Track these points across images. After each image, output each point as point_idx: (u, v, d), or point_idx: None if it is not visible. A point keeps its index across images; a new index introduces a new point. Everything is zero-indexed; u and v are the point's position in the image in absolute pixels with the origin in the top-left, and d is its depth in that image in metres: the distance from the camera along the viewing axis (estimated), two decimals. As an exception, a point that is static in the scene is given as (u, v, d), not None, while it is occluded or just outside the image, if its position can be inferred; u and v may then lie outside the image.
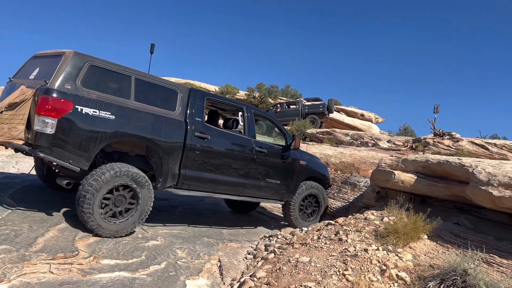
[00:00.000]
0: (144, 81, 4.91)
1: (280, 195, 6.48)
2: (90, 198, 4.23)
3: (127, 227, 4.61)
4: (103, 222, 4.38)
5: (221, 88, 30.86)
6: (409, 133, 35.76)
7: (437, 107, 16.37)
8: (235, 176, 5.74)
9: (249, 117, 6.09)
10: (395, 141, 16.13)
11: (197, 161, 5.23)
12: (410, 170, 6.01)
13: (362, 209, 6.75)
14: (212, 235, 5.62)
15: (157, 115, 4.87)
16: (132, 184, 4.56)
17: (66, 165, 4.21)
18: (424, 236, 4.82)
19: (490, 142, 13.58)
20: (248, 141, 5.94)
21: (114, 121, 4.44)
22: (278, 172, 6.32)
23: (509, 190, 4.43)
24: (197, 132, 5.20)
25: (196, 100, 5.34)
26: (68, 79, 4.22)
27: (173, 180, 5.09)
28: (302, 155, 6.84)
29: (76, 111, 4.18)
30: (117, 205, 4.52)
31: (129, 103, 4.65)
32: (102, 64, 4.58)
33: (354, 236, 4.86)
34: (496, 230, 5.15)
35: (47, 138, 4.05)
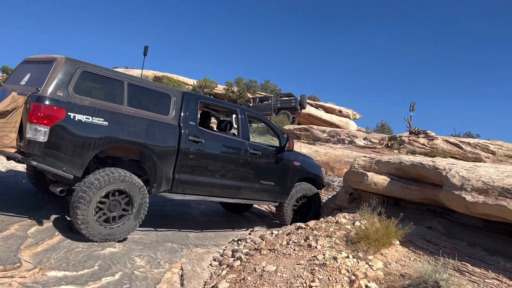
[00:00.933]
0: (137, 85, 4.84)
1: (274, 197, 6.48)
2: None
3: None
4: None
5: (199, 82, 30.37)
6: (386, 129, 36.11)
7: (413, 105, 16.44)
8: (229, 179, 5.71)
9: (243, 119, 6.03)
10: (371, 139, 16.13)
11: (191, 165, 5.17)
12: (383, 171, 5.84)
13: (334, 211, 6.58)
14: (176, 239, 5.32)
15: (150, 120, 4.81)
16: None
17: (59, 172, 4.16)
18: (396, 242, 4.65)
19: (464, 141, 13.70)
20: (242, 143, 5.89)
21: (108, 127, 4.39)
22: (272, 173, 6.29)
23: (483, 195, 4.30)
24: (191, 136, 5.14)
25: (190, 103, 5.27)
26: (60, 86, 4.16)
27: (168, 185, 5.04)
28: (296, 156, 6.80)
29: (68, 118, 4.12)
30: (112, 210, 4.52)
31: (122, 109, 4.59)
32: (94, 70, 4.52)
33: (324, 242, 4.64)
34: (469, 234, 5.03)
35: (40, 146, 3.99)
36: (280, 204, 6.68)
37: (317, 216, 6.97)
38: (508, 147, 13.16)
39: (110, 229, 4.50)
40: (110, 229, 4.50)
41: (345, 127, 26.97)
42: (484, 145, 13.12)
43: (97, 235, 4.38)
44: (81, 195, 4.22)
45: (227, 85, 30.53)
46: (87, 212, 4.24)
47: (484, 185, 4.35)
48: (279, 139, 6.58)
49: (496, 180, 4.39)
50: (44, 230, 4.43)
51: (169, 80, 29.90)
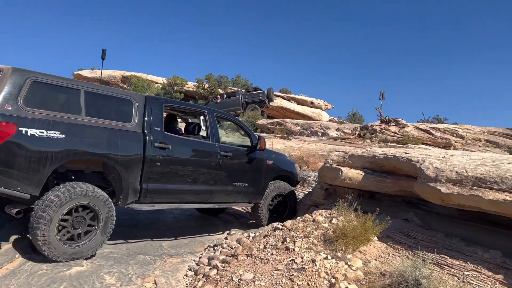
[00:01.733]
0: (94, 93, 4.55)
1: (249, 198, 6.32)
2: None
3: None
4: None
5: (168, 80, 29.77)
6: (357, 118, 36.60)
7: (383, 94, 16.61)
8: (201, 184, 5.50)
9: (211, 120, 5.81)
10: (344, 129, 16.21)
11: (159, 173, 4.93)
12: (357, 166, 5.77)
13: (311, 208, 6.48)
14: (149, 250, 5.09)
15: (112, 129, 4.53)
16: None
17: (13, 193, 3.86)
18: (374, 238, 4.58)
19: (434, 126, 13.94)
20: (212, 146, 5.67)
21: (65, 140, 4.10)
22: (245, 174, 6.12)
23: (457, 186, 4.27)
24: (156, 143, 4.88)
25: (154, 108, 5.00)
26: (8, 100, 3.82)
27: (135, 195, 4.78)
28: (268, 154, 6.63)
29: (20, 133, 3.79)
30: (76, 227, 4.24)
31: (80, 119, 4.30)
32: (46, 79, 4.19)
33: (301, 243, 4.52)
34: (445, 224, 5.02)
35: None
36: (255, 204, 6.53)
37: (294, 214, 6.88)
38: (475, 131, 13.48)
39: (76, 247, 4.23)
40: (75, 247, 4.22)
41: (318, 118, 27.12)
42: (453, 130, 13.39)
43: (61, 255, 4.10)
44: (41, 214, 3.94)
45: (197, 81, 30.07)
46: (49, 232, 3.96)
47: (458, 176, 4.32)
48: (251, 138, 6.41)
49: (469, 169, 4.37)
50: (2, 254, 4.13)
51: (138, 80, 29.15)
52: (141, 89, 27.15)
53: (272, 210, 6.75)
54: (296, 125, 18.04)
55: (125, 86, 29.55)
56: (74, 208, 4.19)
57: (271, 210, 6.72)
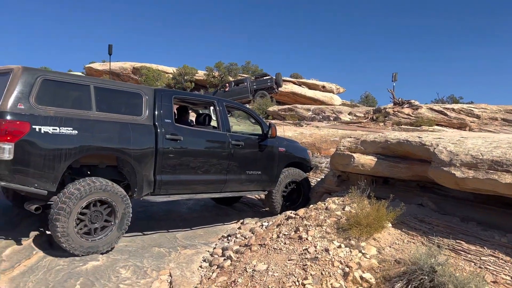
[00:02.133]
0: (104, 88, 4.61)
1: (262, 186, 6.32)
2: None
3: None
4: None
5: (179, 70, 29.73)
6: (370, 100, 36.20)
7: (395, 75, 16.31)
8: (214, 173, 5.54)
9: (221, 110, 5.81)
10: (356, 113, 16.02)
11: (172, 164, 4.99)
12: (369, 152, 5.69)
13: (324, 195, 6.44)
14: (164, 243, 5.13)
15: (123, 122, 4.59)
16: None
17: (31, 190, 3.96)
18: (388, 225, 4.53)
19: (448, 107, 13.66)
20: (223, 135, 5.69)
21: (77, 136, 4.16)
22: (257, 162, 6.12)
23: (472, 170, 4.17)
24: (168, 135, 4.92)
25: (163, 100, 5.04)
26: (20, 98, 3.89)
27: (150, 188, 4.85)
28: (280, 141, 6.62)
29: (33, 131, 3.88)
30: (94, 221, 4.32)
31: (91, 115, 4.36)
32: (56, 77, 4.29)
33: (315, 232, 4.50)
34: (461, 208, 4.94)
35: (6, 164, 3.75)
36: (269, 192, 6.53)
37: (307, 201, 6.87)
38: (491, 109, 13.17)
39: (92, 242, 4.30)
40: (92, 241, 4.30)
41: (330, 102, 26.84)
42: (468, 109, 13.10)
43: (78, 248, 4.17)
44: (61, 206, 4.02)
45: (207, 70, 29.98)
46: (68, 224, 4.05)
47: (473, 159, 4.22)
48: (261, 126, 6.39)
49: (485, 152, 4.26)
50: (21, 250, 4.21)
51: (148, 70, 29.16)
52: (152, 80, 27.23)
53: (286, 197, 6.75)
54: (307, 111, 17.89)
55: (136, 77, 29.66)
56: (93, 202, 4.27)
57: (285, 197, 6.72)
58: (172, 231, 5.63)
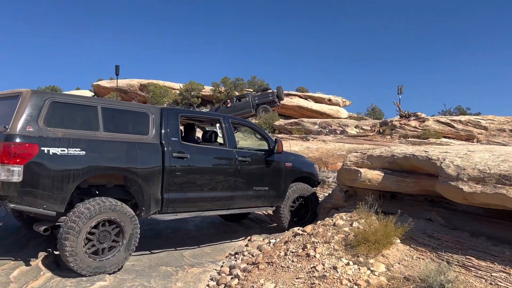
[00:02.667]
0: (111, 109, 4.69)
1: (270, 202, 6.31)
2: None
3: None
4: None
5: (185, 86, 30.01)
6: (377, 113, 36.08)
7: (401, 88, 16.31)
8: (221, 190, 5.54)
9: (227, 127, 5.85)
10: (363, 126, 15.99)
11: (179, 182, 5.01)
12: (376, 166, 5.67)
13: (331, 211, 6.40)
14: (171, 261, 5.12)
15: (130, 142, 4.64)
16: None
17: (40, 211, 4.01)
18: (396, 241, 4.49)
19: (455, 119, 13.59)
20: (230, 152, 5.71)
21: (85, 157, 4.21)
22: (264, 178, 6.12)
23: (480, 184, 4.14)
24: (175, 153, 4.96)
25: (170, 119, 5.09)
26: (29, 121, 3.96)
27: (157, 206, 4.87)
28: (287, 156, 6.62)
29: (42, 153, 3.93)
30: (102, 241, 4.31)
31: (99, 135, 4.43)
32: (64, 99, 4.40)
33: (322, 249, 4.47)
34: (470, 223, 4.89)
35: (15, 186, 3.79)
36: (276, 208, 6.51)
37: (315, 216, 6.83)
38: (499, 121, 13.07)
39: (100, 262, 4.29)
40: (99, 261, 4.28)
41: (336, 115, 26.84)
42: (476, 121, 13.02)
43: (85, 268, 4.16)
44: (70, 225, 4.03)
45: (213, 85, 30.21)
46: (76, 243, 4.05)
47: (481, 173, 4.19)
48: (268, 142, 6.40)
49: (492, 166, 4.23)
50: (28, 271, 4.23)
51: (155, 87, 29.49)
52: (159, 96, 27.51)
53: (294, 213, 6.72)
54: (314, 124, 17.91)
55: (143, 94, 29.99)
56: (102, 222, 4.28)
57: (293, 212, 6.69)
58: (179, 249, 5.62)
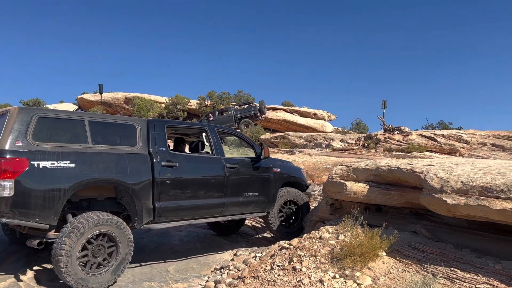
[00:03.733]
0: (98, 122, 4.77)
1: (261, 207, 6.37)
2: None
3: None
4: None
5: (171, 99, 29.97)
6: (361, 127, 36.53)
7: (385, 103, 16.57)
8: (212, 197, 5.59)
9: (213, 135, 5.97)
10: (348, 140, 16.14)
11: (170, 191, 5.06)
12: (361, 179, 5.70)
13: (317, 224, 6.40)
14: (155, 276, 5.02)
15: (119, 153, 4.72)
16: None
17: (33, 225, 4.03)
18: (382, 253, 4.50)
19: (438, 133, 13.84)
20: (218, 160, 5.80)
21: (76, 169, 4.26)
22: (254, 184, 6.19)
23: (463, 196, 4.19)
24: (163, 162, 5.04)
25: (156, 129, 5.19)
26: (18, 136, 4.04)
27: (150, 216, 4.91)
28: (274, 162, 6.75)
29: (32, 167, 3.98)
30: (96, 255, 4.33)
31: (87, 147, 4.50)
32: (51, 114, 4.49)
33: (309, 262, 4.44)
34: (454, 235, 4.93)
35: (7, 201, 3.83)
36: (267, 213, 6.56)
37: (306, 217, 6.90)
38: (480, 135, 13.36)
39: (95, 276, 4.29)
40: (95, 276, 4.29)
41: (322, 129, 27.08)
42: (458, 135, 13.28)
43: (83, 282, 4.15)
44: (63, 243, 4.03)
45: (200, 99, 30.23)
46: (71, 261, 4.04)
47: (464, 186, 4.25)
48: (254, 149, 6.51)
49: (475, 178, 4.29)
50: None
51: (140, 100, 29.34)
52: (144, 110, 27.35)
53: (284, 217, 6.80)
54: (300, 138, 18.00)
55: (128, 107, 29.78)
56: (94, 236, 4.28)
57: (283, 217, 6.78)
58: (163, 264, 5.52)
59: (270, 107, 27.08)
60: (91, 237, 4.23)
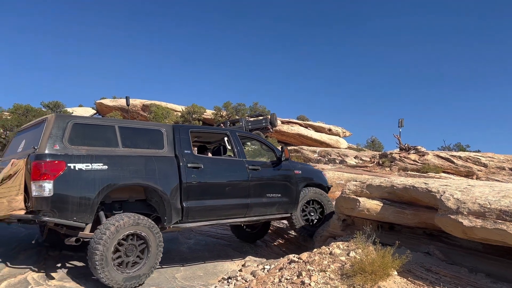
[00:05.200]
0: (127, 127, 5.07)
1: (284, 208, 6.46)
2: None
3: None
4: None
5: (187, 108, 30.23)
6: (376, 145, 36.17)
7: (402, 121, 16.41)
8: (236, 197, 5.75)
9: (235, 140, 6.17)
10: (362, 157, 15.98)
11: (196, 191, 5.26)
12: (375, 196, 5.62)
13: (328, 239, 6.30)
14: (162, 282, 5.00)
15: (148, 156, 4.97)
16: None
17: (71, 223, 4.27)
18: (393, 273, 4.40)
19: (455, 155, 13.60)
20: (240, 162, 5.97)
21: (108, 170, 4.51)
22: (276, 185, 6.33)
23: (480, 219, 4.08)
24: (189, 163, 5.26)
25: (181, 134, 5.46)
26: (55, 141, 4.31)
27: (178, 215, 5.09)
28: (294, 165, 6.91)
29: (69, 169, 4.24)
30: (128, 254, 4.52)
31: (118, 151, 4.76)
32: (84, 121, 4.83)
33: (318, 277, 4.37)
34: (469, 258, 4.80)
35: (47, 201, 4.08)
36: (291, 214, 6.62)
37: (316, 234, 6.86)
38: (499, 159, 13.08)
39: (127, 274, 4.46)
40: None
41: (336, 145, 26.94)
42: (475, 158, 13.03)
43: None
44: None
45: (215, 109, 30.41)
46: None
47: (481, 208, 4.15)
48: (274, 152, 6.65)
49: (493, 201, 4.19)
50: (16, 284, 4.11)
51: (157, 108, 29.68)
52: (160, 117, 27.64)
53: (307, 216, 6.87)
54: (313, 153, 17.91)
55: (145, 114, 30.15)
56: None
57: (307, 216, 6.85)
58: (171, 270, 5.50)
59: (285, 121, 27.10)
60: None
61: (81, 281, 4.63)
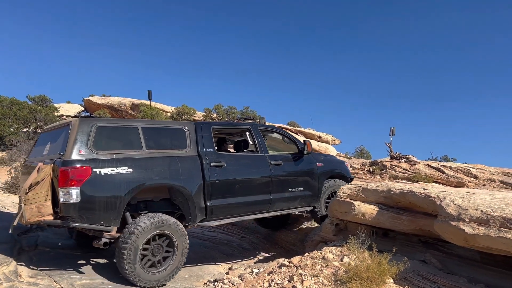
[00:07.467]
0: (150, 128, 5.03)
1: (307, 201, 6.45)
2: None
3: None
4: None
5: (177, 109, 29.83)
6: (365, 155, 36.24)
7: (393, 130, 16.35)
8: (259, 194, 5.72)
9: (256, 134, 6.09)
10: (352, 164, 15.85)
11: (219, 189, 5.25)
12: (371, 200, 5.41)
13: (319, 244, 6.07)
14: (144, 283, 4.68)
15: (171, 156, 4.96)
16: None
17: (98, 227, 4.30)
18: (390, 280, 4.18)
19: (446, 165, 13.56)
20: (262, 157, 5.91)
21: (133, 173, 4.51)
22: (298, 179, 6.28)
23: (483, 226, 3.89)
24: (212, 162, 5.23)
25: (204, 132, 5.40)
26: (81, 146, 4.30)
27: (202, 214, 5.12)
28: (317, 157, 6.82)
29: (95, 174, 4.24)
30: (155, 254, 4.55)
31: (142, 153, 4.73)
32: (108, 123, 4.81)
33: (310, 283, 4.13)
34: (466, 268, 4.61)
35: (75, 207, 4.10)
36: (313, 207, 6.59)
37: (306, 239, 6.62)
38: (489, 171, 13.06)
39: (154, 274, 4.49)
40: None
41: (325, 152, 26.81)
42: (466, 169, 12.99)
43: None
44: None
45: (206, 111, 30.12)
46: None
47: (484, 215, 3.96)
48: (297, 145, 6.50)
49: (496, 209, 4.01)
50: None
51: (147, 108, 29.24)
52: (149, 117, 27.20)
53: None
54: (303, 158, 17.75)
55: (134, 113, 29.66)
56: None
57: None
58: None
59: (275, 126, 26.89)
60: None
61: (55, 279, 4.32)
